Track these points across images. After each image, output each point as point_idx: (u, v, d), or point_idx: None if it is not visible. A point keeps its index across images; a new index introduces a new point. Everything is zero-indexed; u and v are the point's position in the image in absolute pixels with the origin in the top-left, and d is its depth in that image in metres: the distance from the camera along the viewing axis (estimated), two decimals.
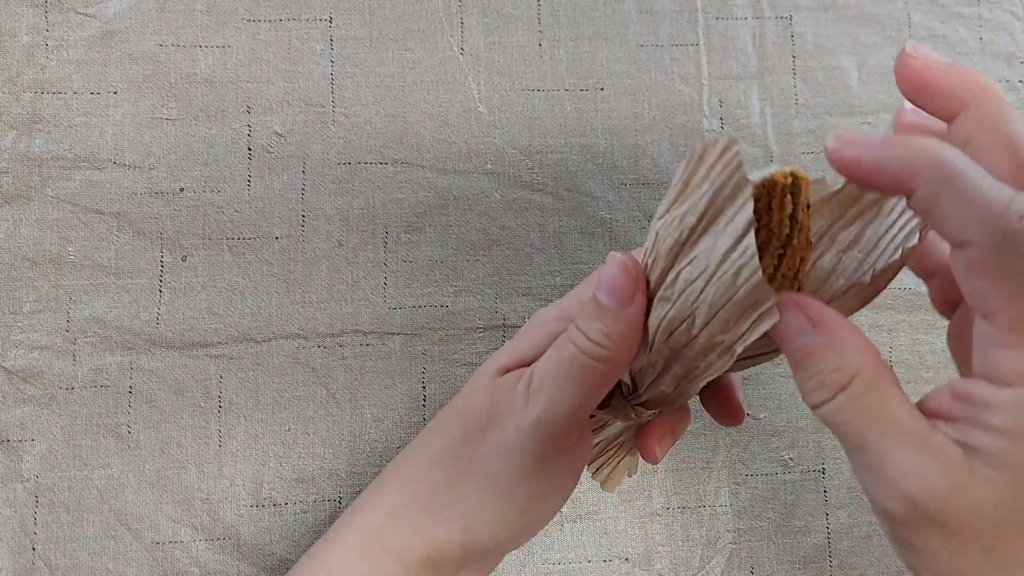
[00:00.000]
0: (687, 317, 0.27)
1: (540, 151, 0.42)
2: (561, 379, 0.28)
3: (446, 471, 0.30)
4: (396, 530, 0.30)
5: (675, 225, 0.27)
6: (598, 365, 0.28)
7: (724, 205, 0.25)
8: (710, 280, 0.26)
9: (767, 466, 0.42)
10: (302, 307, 0.40)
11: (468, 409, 0.31)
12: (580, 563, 0.40)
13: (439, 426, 0.32)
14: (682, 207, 0.27)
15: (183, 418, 0.39)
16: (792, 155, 0.44)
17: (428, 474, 0.31)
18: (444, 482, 0.30)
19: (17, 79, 0.40)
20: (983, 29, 0.46)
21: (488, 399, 0.30)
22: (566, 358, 0.28)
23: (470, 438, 0.30)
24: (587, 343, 0.27)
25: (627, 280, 0.27)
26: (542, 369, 0.29)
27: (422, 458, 0.32)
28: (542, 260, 0.42)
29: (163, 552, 0.38)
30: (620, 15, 0.44)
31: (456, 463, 0.30)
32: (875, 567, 0.41)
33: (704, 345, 0.27)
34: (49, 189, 0.40)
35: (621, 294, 0.27)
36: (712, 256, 0.25)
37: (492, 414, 0.30)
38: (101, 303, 0.39)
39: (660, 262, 0.27)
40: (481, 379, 0.31)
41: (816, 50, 0.45)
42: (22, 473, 0.38)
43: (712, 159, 0.25)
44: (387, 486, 0.32)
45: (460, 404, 0.32)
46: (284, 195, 0.41)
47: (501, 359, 0.31)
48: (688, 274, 0.26)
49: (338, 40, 0.42)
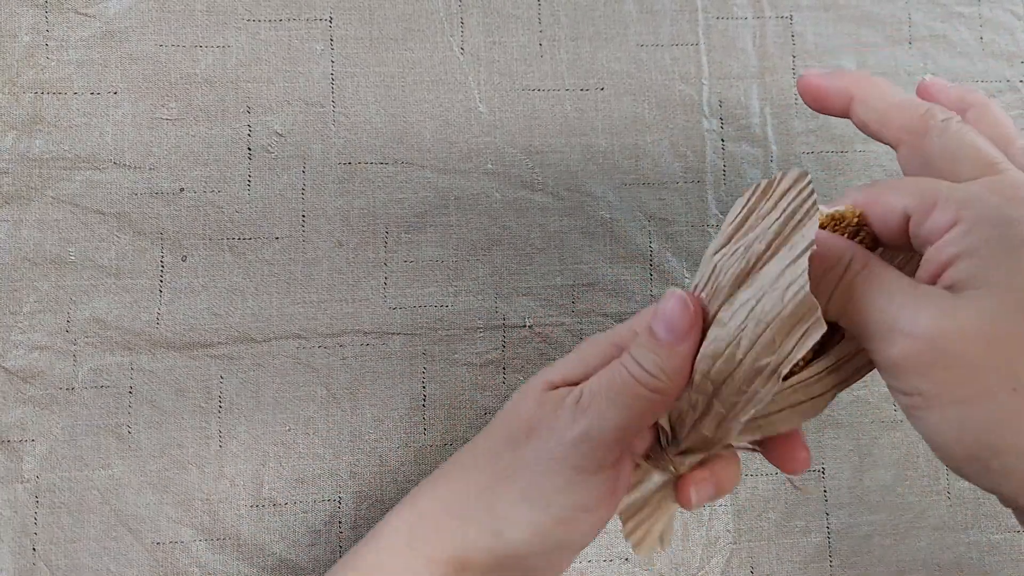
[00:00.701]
0: (733, 340, 0.27)
1: (540, 151, 0.42)
2: (610, 400, 0.29)
3: (482, 475, 0.31)
4: (426, 532, 0.30)
5: (739, 255, 0.28)
6: (648, 395, 0.28)
7: (793, 231, 0.26)
8: (762, 298, 0.26)
9: (767, 466, 0.42)
10: (302, 307, 0.40)
11: (513, 418, 0.31)
12: (580, 563, 0.40)
13: (485, 433, 0.33)
14: (746, 237, 0.28)
15: (184, 418, 0.39)
16: (792, 155, 0.44)
17: (465, 478, 0.31)
18: (479, 486, 0.30)
19: (17, 79, 0.40)
20: (984, 29, 0.46)
21: (534, 410, 0.31)
22: (618, 382, 0.29)
23: (512, 445, 0.30)
24: (641, 372, 0.28)
25: (685, 315, 0.28)
26: (593, 388, 0.30)
27: (463, 463, 0.32)
28: (543, 260, 0.42)
29: (163, 552, 0.38)
30: (620, 15, 0.44)
31: (494, 469, 0.30)
32: (875, 567, 0.41)
33: (748, 372, 0.27)
34: (49, 190, 0.40)
35: (678, 329, 0.28)
36: (771, 274, 0.26)
37: (537, 424, 0.30)
38: (101, 303, 0.39)
39: (721, 293, 0.28)
40: (528, 391, 0.32)
41: (816, 50, 0.45)
42: (23, 474, 0.38)
43: (782, 189, 0.27)
44: (425, 489, 0.32)
45: (505, 414, 0.32)
46: (284, 195, 0.41)
47: (549, 375, 0.32)
48: (744, 297, 0.27)
49: (338, 40, 0.42)
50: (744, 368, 0.27)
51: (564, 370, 0.32)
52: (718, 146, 0.43)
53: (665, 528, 0.35)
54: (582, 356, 0.32)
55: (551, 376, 0.32)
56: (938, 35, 0.45)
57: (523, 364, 0.41)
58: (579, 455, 0.29)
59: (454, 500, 0.31)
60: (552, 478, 0.29)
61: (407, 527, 0.31)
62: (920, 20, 0.46)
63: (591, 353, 0.32)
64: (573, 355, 0.33)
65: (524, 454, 0.30)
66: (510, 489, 0.30)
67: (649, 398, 0.28)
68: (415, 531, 0.31)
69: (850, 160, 0.44)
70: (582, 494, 0.29)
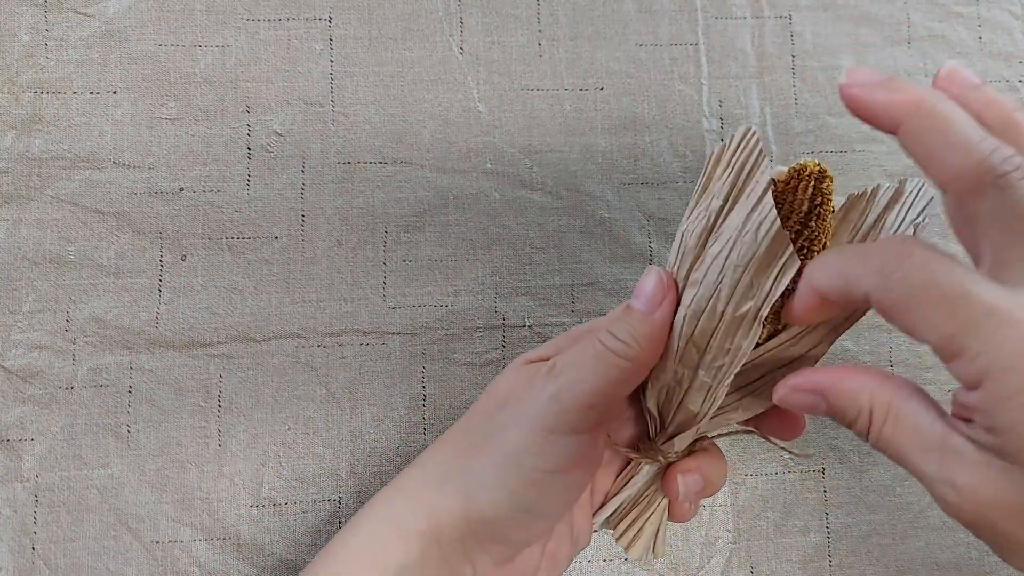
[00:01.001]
0: (713, 295, 0.28)
1: (540, 151, 0.42)
2: (582, 366, 0.30)
3: (459, 444, 0.31)
4: (401, 504, 0.31)
5: (700, 216, 0.28)
6: (620, 361, 0.29)
7: (747, 180, 0.27)
8: (734, 246, 0.27)
9: (766, 466, 0.42)
10: (302, 307, 0.40)
11: (491, 392, 0.32)
12: (580, 563, 0.40)
13: (467, 413, 0.33)
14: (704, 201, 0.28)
15: (183, 418, 0.39)
16: (792, 155, 0.44)
17: (442, 449, 0.32)
18: (455, 453, 0.31)
19: (17, 79, 0.40)
20: (982, 28, 0.46)
21: (511, 380, 0.32)
22: (591, 351, 0.30)
23: (487, 414, 0.31)
24: (613, 340, 0.29)
25: (659, 286, 0.29)
26: (566, 357, 0.31)
27: (443, 439, 0.33)
28: (542, 260, 0.42)
29: (163, 552, 0.38)
30: (620, 15, 0.44)
31: (470, 438, 0.31)
32: (875, 567, 0.41)
33: (730, 324, 0.28)
34: (49, 189, 0.40)
35: (651, 297, 0.29)
36: (736, 223, 0.27)
37: (511, 393, 0.31)
38: (101, 303, 0.39)
39: (688, 256, 0.29)
40: (507, 369, 0.33)
41: (815, 50, 0.45)
42: (22, 473, 0.38)
43: (732, 148, 0.28)
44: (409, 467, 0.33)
45: (485, 392, 0.33)
46: (284, 195, 0.41)
47: (527, 355, 0.33)
48: (715, 250, 0.28)
49: (338, 40, 0.42)
50: (726, 321, 0.28)
51: (543, 351, 0.33)
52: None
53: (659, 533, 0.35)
54: (557, 342, 0.33)
55: (529, 355, 0.33)
56: (937, 35, 0.46)
57: None
58: (550, 416, 0.29)
59: (432, 469, 0.31)
60: (522, 439, 0.30)
61: (385, 504, 0.31)
62: (919, 20, 0.46)
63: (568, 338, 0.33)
64: (550, 342, 0.34)
65: (497, 421, 0.31)
66: (483, 453, 0.30)
67: (620, 365, 0.29)
68: (392, 506, 0.31)
69: (850, 160, 0.44)
70: (552, 455, 0.30)
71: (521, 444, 0.30)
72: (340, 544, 0.31)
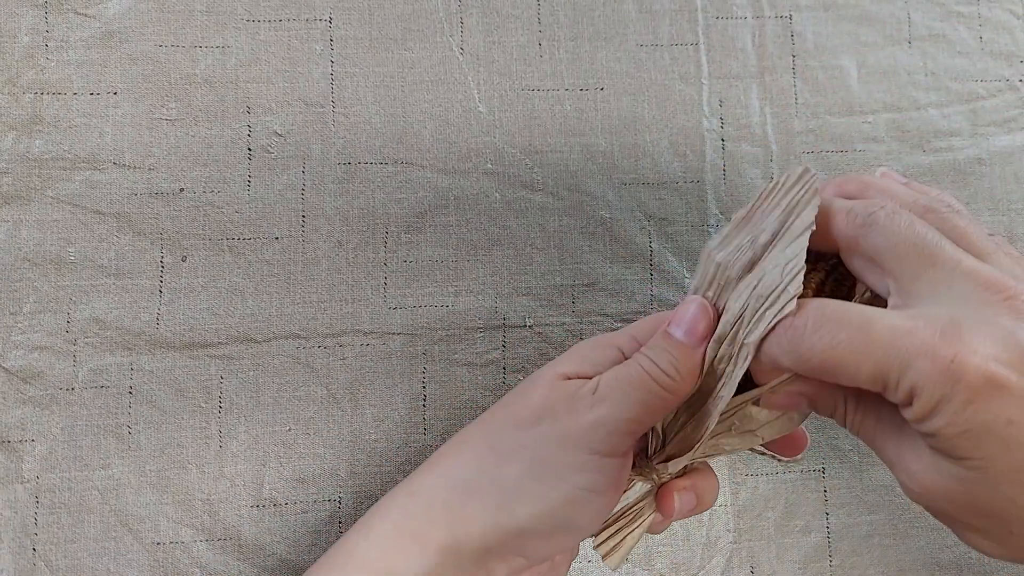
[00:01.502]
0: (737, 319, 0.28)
1: (540, 151, 0.42)
2: (625, 393, 0.30)
3: (487, 454, 0.31)
4: (417, 511, 0.31)
5: (745, 249, 0.29)
6: (661, 392, 0.29)
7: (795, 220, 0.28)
8: (763, 277, 0.27)
9: (767, 466, 0.42)
10: (302, 307, 0.40)
11: (522, 402, 0.32)
12: (580, 563, 0.40)
13: (488, 418, 0.33)
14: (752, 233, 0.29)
15: (183, 418, 0.39)
16: (792, 155, 0.44)
17: (465, 456, 0.32)
18: (483, 463, 0.31)
19: (17, 80, 0.40)
20: (983, 28, 0.46)
21: (547, 394, 0.31)
22: (634, 377, 0.30)
23: (519, 426, 0.31)
24: (656, 370, 0.30)
25: (705, 320, 0.30)
26: (609, 380, 0.31)
27: (464, 444, 0.32)
28: (542, 260, 0.42)
29: (164, 553, 0.38)
30: (620, 15, 0.44)
31: (500, 448, 0.31)
32: (875, 567, 0.41)
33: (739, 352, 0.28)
34: (49, 190, 0.40)
35: (696, 333, 0.30)
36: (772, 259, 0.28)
37: (549, 408, 0.31)
38: (101, 304, 0.39)
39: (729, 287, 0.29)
40: (540, 379, 0.32)
41: (816, 49, 0.45)
42: (23, 474, 0.38)
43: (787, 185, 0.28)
44: (422, 471, 0.32)
45: (513, 398, 0.33)
46: (284, 195, 0.41)
47: (561, 367, 0.32)
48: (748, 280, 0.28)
49: (338, 40, 0.42)
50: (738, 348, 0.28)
51: (574, 364, 0.32)
52: (718, 146, 0.43)
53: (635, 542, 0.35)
54: (584, 355, 0.33)
55: (563, 368, 0.32)
56: (937, 34, 0.46)
57: (523, 364, 0.41)
58: (596, 438, 0.30)
59: (455, 477, 0.31)
60: (566, 457, 0.30)
61: (399, 509, 0.31)
62: (919, 20, 0.46)
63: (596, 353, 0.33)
64: (574, 354, 0.33)
65: (534, 434, 0.30)
66: (517, 466, 0.30)
67: (661, 395, 0.29)
68: (407, 511, 0.31)
69: (850, 160, 0.44)
70: (595, 475, 0.30)
71: (564, 462, 0.30)
72: (349, 549, 0.30)
